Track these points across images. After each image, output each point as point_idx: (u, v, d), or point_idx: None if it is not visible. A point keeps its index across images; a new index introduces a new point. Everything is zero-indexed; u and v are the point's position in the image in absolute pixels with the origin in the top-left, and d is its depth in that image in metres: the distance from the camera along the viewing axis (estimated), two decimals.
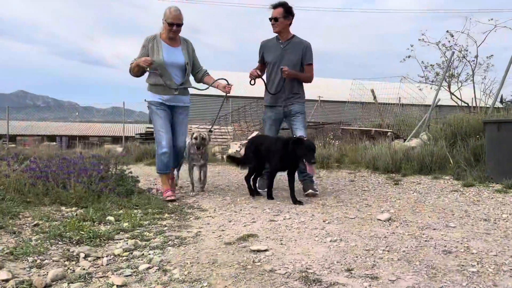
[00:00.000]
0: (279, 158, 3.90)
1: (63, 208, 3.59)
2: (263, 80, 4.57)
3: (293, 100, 4.47)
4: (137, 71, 4.19)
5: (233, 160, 4.84)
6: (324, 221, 3.10)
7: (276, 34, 4.50)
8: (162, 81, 4.16)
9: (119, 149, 12.32)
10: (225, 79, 4.40)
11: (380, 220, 3.10)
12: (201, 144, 4.38)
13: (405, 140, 7.98)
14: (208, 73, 4.53)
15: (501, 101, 16.65)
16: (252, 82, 4.48)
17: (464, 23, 10.59)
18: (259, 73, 4.49)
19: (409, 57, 11.17)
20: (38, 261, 2.18)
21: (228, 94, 4.39)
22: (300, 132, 4.27)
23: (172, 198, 4.08)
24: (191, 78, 4.53)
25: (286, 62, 4.36)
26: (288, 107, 4.46)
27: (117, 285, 1.87)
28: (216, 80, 4.43)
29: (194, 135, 4.43)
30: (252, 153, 4.27)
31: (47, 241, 2.52)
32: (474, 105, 9.82)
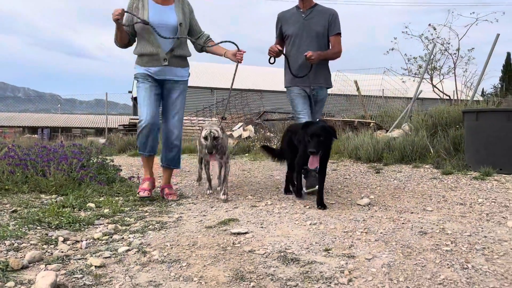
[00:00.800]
0: (304, 149, 3.19)
1: (42, 195, 3.55)
2: (286, 56, 3.90)
3: (321, 83, 3.89)
4: (120, 37, 3.37)
5: (267, 151, 4.15)
6: (305, 206, 3.13)
7: (296, 4, 3.96)
8: (149, 50, 3.38)
9: (101, 140, 12.19)
10: (234, 43, 3.57)
11: (359, 205, 3.15)
12: (214, 147, 3.37)
13: (387, 130, 8.09)
14: (211, 39, 3.68)
15: (482, 94, 17.00)
16: (272, 60, 3.84)
17: (447, 16, 10.70)
18: (280, 48, 3.80)
19: (392, 49, 11.26)
20: (16, 244, 2.16)
21: (223, 86, 3.86)
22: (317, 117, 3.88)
23: (145, 195, 3.35)
24: (191, 47, 3.71)
25: (309, 34, 3.80)
26: (316, 90, 3.88)
27: (95, 266, 1.86)
28: (220, 42, 3.63)
29: (204, 134, 3.40)
30: (287, 145, 3.60)
31: (25, 226, 2.49)
32: (455, 97, 9.98)
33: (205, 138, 3.38)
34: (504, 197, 3.29)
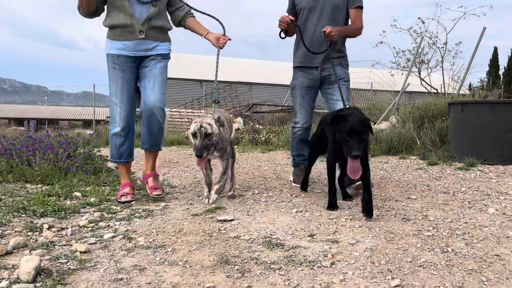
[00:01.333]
0: (333, 144, 2.68)
1: (27, 185, 3.52)
2: (299, 28, 3.30)
3: (336, 60, 3.29)
4: (85, 4, 2.77)
5: None
6: (291, 195, 3.16)
7: None
8: (121, 20, 2.84)
9: (88, 132, 12.09)
10: (221, 24, 3.07)
11: None
12: (205, 148, 2.68)
13: (375, 123, 8.15)
14: (192, 14, 3.14)
15: (469, 88, 17.18)
16: (283, 34, 3.35)
17: (435, 10, 10.80)
18: (293, 17, 3.21)
19: (381, 42, 11.33)
20: (0, 231, 2.15)
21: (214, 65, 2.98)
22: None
23: (128, 199, 2.92)
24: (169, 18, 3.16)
25: (325, 6, 3.25)
26: (327, 70, 3.29)
27: (80, 251, 1.86)
28: (205, 14, 3.12)
29: (192, 129, 2.72)
30: (318, 136, 3.13)
31: (10, 214, 2.47)
32: (443, 91, 10.09)
33: (194, 135, 2.70)
34: (487, 186, 3.36)
